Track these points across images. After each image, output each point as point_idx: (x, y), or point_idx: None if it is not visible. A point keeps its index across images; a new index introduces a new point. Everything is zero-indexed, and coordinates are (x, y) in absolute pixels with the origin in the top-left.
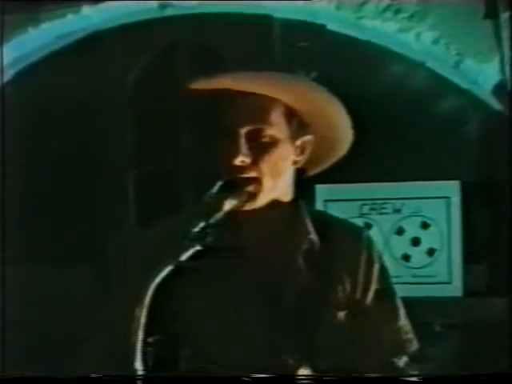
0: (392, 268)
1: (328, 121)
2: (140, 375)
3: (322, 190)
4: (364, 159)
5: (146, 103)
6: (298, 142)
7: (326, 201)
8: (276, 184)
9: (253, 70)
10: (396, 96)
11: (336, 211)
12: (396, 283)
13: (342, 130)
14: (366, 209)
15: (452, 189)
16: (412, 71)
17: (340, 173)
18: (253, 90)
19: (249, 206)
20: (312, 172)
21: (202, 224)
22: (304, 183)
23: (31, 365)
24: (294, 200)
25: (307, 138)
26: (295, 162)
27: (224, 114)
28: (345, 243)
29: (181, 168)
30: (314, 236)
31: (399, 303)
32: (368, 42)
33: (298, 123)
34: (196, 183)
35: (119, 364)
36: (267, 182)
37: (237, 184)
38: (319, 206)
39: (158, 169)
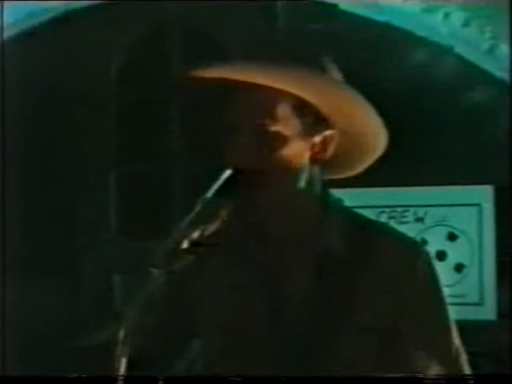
0: None
1: (348, 113)
2: (139, 375)
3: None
4: (381, 160)
5: (131, 93)
6: (318, 138)
7: None
8: (286, 186)
9: (255, 56)
10: (419, 87)
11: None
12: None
13: (368, 124)
14: (383, 217)
15: (484, 194)
16: (438, 58)
17: (354, 176)
18: (257, 82)
19: (252, 212)
20: (345, 174)
21: (196, 233)
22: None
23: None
24: (317, 202)
25: (328, 132)
26: (315, 160)
27: (223, 108)
28: (387, 257)
29: (171, 169)
30: (337, 242)
31: (458, 349)
32: (387, 24)
33: (313, 117)
34: (189, 186)
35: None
36: (274, 185)
37: (237, 187)
38: None
39: (145, 169)
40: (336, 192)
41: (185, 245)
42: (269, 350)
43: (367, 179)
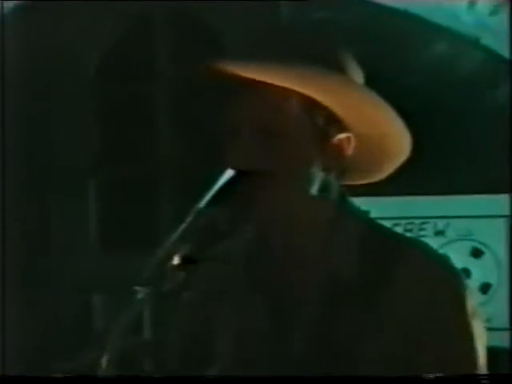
0: None
1: (366, 115)
2: (140, 375)
3: None
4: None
5: (114, 87)
6: (332, 142)
7: None
8: (294, 194)
9: (259, 52)
10: (440, 83)
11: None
12: None
13: (388, 126)
14: (398, 230)
15: None
16: (462, 50)
17: (365, 184)
18: (261, 79)
19: (254, 222)
20: (366, 180)
21: (189, 247)
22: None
23: None
24: (332, 212)
25: (343, 135)
26: (328, 168)
27: (222, 106)
28: (414, 274)
29: (160, 174)
30: (354, 256)
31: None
32: (405, 13)
33: (324, 118)
34: (180, 193)
35: None
36: (279, 192)
37: (235, 195)
38: None
39: (129, 174)
40: None
41: (175, 261)
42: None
43: (380, 187)
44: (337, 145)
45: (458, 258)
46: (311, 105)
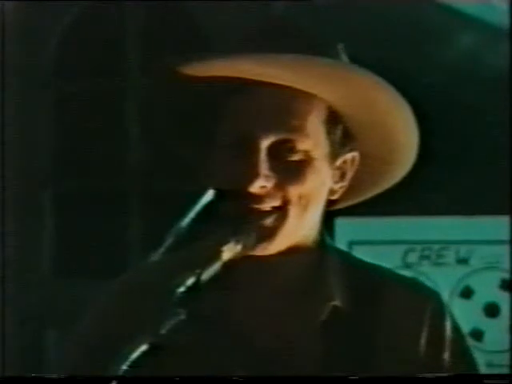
0: None
1: (384, 129)
2: (139, 375)
3: (345, 227)
4: (411, 181)
5: (75, 84)
6: (338, 162)
7: (352, 243)
8: (303, 222)
9: (252, 47)
10: (466, 81)
11: (367, 259)
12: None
13: (403, 139)
14: (413, 257)
15: None
16: (490, 44)
17: (373, 201)
18: (279, 81)
19: (258, 252)
20: (349, 201)
21: (191, 279)
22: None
23: None
24: (319, 245)
25: (350, 155)
26: (332, 192)
27: (233, 115)
28: (397, 307)
29: (128, 185)
30: (339, 301)
31: None
32: None
33: (342, 134)
34: (154, 209)
35: None
36: (292, 219)
37: (246, 218)
38: None
39: (91, 186)
40: (346, 221)
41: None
42: None
43: (390, 205)
44: (341, 166)
45: (484, 291)
46: (333, 118)
